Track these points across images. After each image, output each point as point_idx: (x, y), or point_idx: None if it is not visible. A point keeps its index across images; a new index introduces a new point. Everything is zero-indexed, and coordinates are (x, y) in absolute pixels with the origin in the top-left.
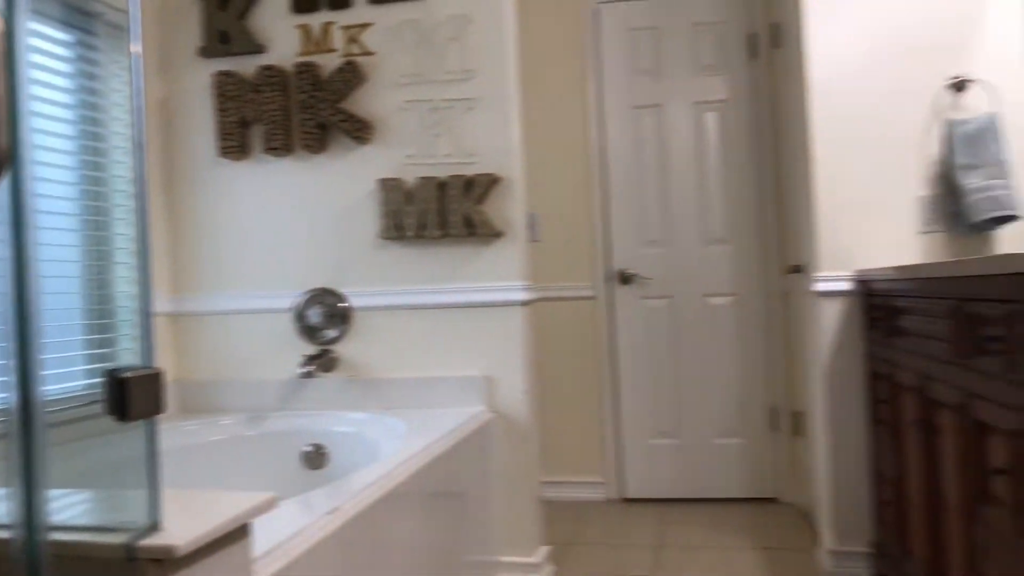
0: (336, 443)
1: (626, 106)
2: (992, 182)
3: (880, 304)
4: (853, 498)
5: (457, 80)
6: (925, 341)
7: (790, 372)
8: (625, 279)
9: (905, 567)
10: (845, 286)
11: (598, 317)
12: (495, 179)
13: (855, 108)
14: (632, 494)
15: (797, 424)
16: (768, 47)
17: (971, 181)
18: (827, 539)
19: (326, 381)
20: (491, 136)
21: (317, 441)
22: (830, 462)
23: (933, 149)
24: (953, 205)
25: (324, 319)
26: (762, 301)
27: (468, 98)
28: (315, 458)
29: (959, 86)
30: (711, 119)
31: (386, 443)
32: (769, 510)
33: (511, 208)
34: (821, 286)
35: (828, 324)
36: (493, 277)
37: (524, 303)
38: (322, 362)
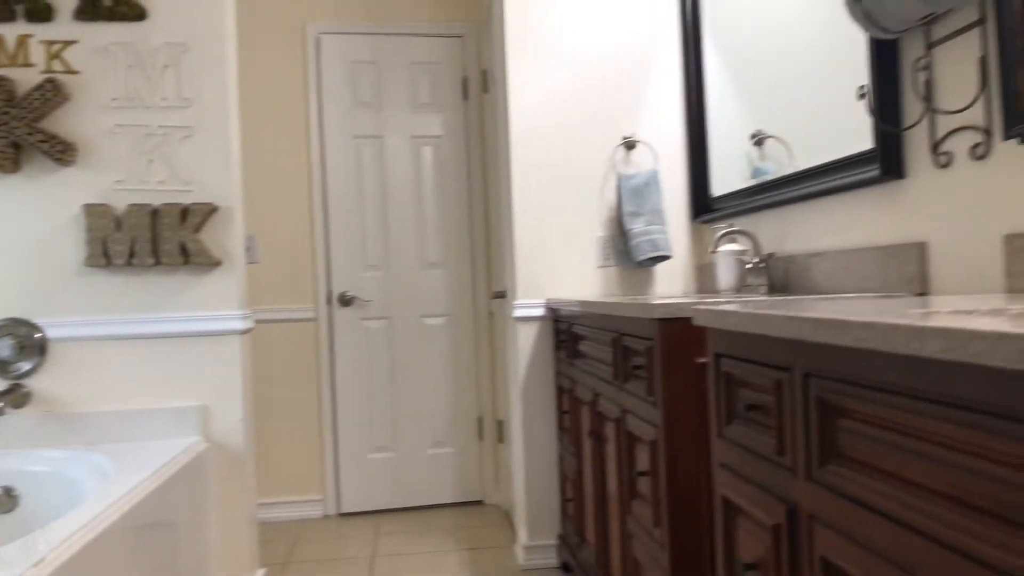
0: (30, 484)
1: (347, 135)
2: (651, 227)
3: (565, 330)
4: (544, 497)
5: (174, 107)
6: (597, 364)
7: (495, 385)
8: (345, 301)
9: (582, 553)
10: (539, 312)
11: (319, 338)
12: (213, 208)
13: (549, 157)
14: (349, 508)
15: (500, 432)
16: (479, 90)
17: (635, 226)
18: (522, 535)
19: (17, 418)
20: (210, 164)
21: (5, 483)
22: (525, 465)
23: (610, 197)
24: (623, 245)
25: (15, 351)
26: (471, 321)
27: (185, 126)
28: (3, 501)
29: (629, 145)
30: (428, 153)
31: (91, 482)
32: (475, 512)
33: (230, 237)
34: (519, 312)
35: (524, 345)
36: (210, 306)
37: (242, 332)
38: (13, 398)
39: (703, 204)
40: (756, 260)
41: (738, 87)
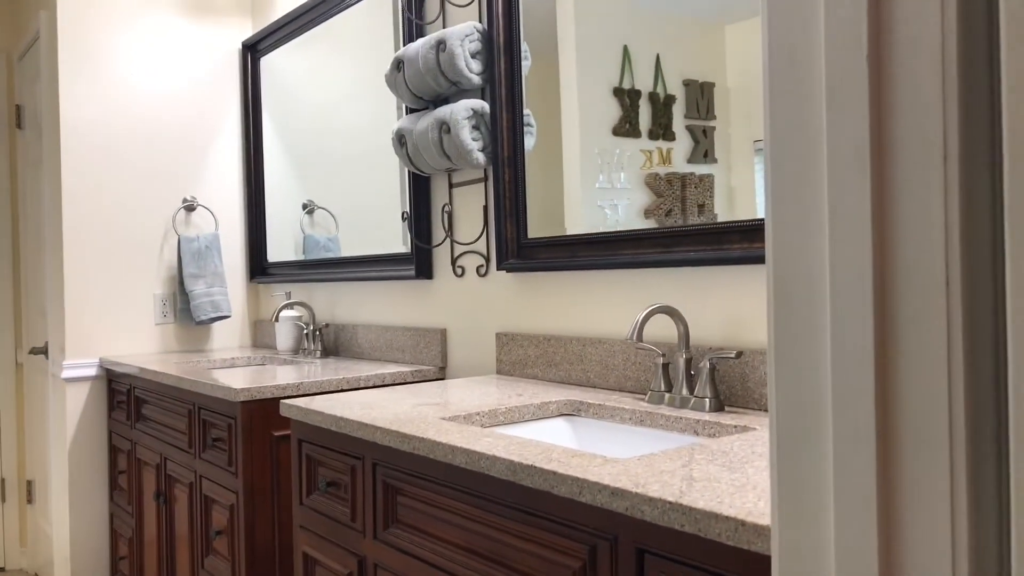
0: None
1: None
2: (212, 289)
3: (124, 391)
4: (91, 555)
5: None
6: (166, 430)
7: (22, 442)
8: None
9: None
10: (91, 372)
11: None
12: None
13: (105, 216)
14: None
15: (30, 493)
16: (10, 125)
17: (197, 287)
18: None
19: None
20: None
21: None
22: (70, 526)
23: (169, 256)
24: (184, 304)
25: None
26: None
27: None
28: None
29: (190, 208)
30: None
31: None
32: None
33: None
34: (68, 372)
35: (73, 405)
36: None
37: None
38: None
39: (260, 267)
40: (312, 328)
41: (293, 163)
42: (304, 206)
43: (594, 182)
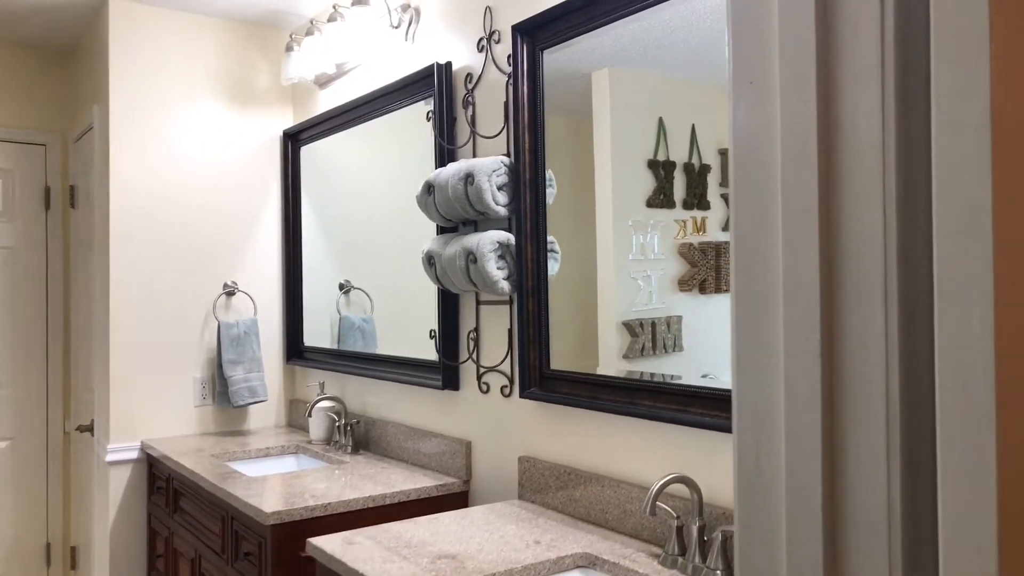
0: None
1: None
2: (250, 375)
3: (163, 477)
4: None
5: None
6: (203, 529)
7: (68, 508)
8: None
9: None
10: (133, 455)
11: None
12: None
13: (150, 302)
14: None
15: (73, 558)
16: (64, 203)
17: (235, 373)
18: None
19: None
20: None
21: None
22: None
23: (210, 340)
24: (222, 388)
25: None
26: (42, 445)
27: None
28: None
29: (230, 293)
30: None
31: None
32: None
33: None
34: (111, 456)
35: (116, 486)
36: None
37: None
38: None
39: (297, 350)
40: (344, 421)
41: (330, 245)
42: (341, 286)
43: (627, 254)
